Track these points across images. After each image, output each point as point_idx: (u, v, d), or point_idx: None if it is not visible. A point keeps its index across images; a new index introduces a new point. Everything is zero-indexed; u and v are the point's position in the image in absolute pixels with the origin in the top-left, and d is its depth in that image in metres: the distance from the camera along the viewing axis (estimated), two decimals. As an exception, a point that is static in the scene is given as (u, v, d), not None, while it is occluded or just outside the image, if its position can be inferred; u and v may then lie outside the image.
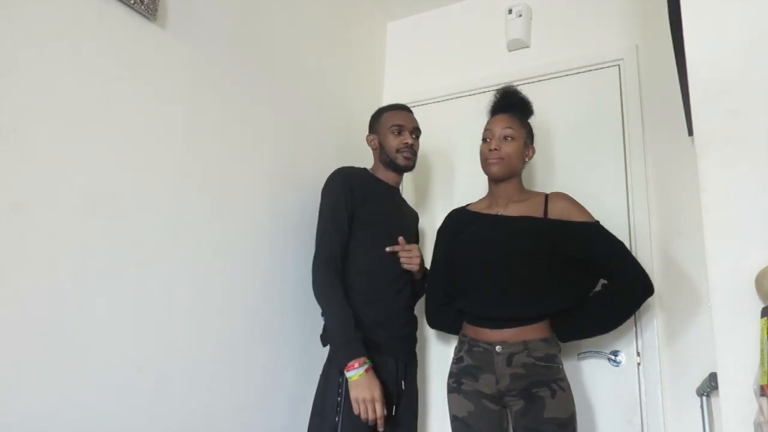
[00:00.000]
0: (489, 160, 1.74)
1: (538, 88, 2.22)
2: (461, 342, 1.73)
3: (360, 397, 1.56)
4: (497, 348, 1.62)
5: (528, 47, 2.36)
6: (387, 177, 1.92)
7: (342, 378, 1.62)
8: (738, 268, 0.95)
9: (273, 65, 1.95)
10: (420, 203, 2.42)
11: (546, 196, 1.75)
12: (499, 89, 1.87)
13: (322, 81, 2.22)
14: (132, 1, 1.41)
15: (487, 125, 1.80)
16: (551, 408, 1.54)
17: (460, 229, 1.83)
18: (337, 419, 1.60)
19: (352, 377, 1.57)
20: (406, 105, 2.01)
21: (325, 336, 1.72)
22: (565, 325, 1.67)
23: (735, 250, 0.96)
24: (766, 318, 0.87)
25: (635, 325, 1.87)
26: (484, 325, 1.66)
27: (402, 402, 1.72)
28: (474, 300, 1.71)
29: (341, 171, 1.84)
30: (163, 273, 1.47)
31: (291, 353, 1.85)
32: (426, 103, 2.50)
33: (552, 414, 1.53)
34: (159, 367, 1.43)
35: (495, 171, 1.74)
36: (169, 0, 1.54)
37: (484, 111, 1.89)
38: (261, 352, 1.76)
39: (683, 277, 1.82)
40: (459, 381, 1.68)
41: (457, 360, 1.71)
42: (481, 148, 1.79)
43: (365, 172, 1.92)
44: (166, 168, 1.50)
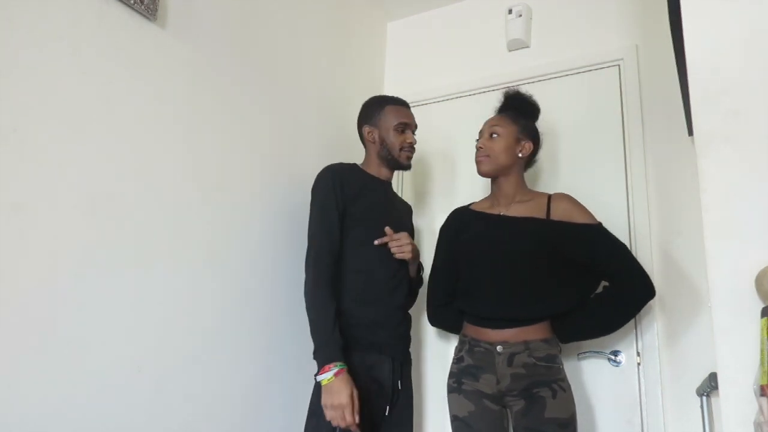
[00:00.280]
0: (476, 158, 1.79)
1: (538, 88, 2.21)
2: (462, 342, 1.73)
3: (327, 403, 1.49)
4: (498, 348, 1.62)
5: (528, 47, 2.36)
6: (380, 172, 1.86)
7: None
8: (738, 268, 0.95)
9: (273, 65, 1.95)
10: (420, 203, 2.42)
11: (549, 196, 1.75)
12: (502, 92, 1.89)
13: (322, 81, 2.22)
14: (132, 1, 1.41)
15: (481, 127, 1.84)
16: (552, 408, 1.54)
17: (462, 229, 1.83)
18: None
19: (321, 381, 1.52)
20: (404, 99, 1.95)
21: None
22: (566, 326, 1.68)
23: (735, 250, 0.96)
24: (766, 318, 0.87)
25: (635, 326, 1.87)
26: (485, 325, 1.67)
27: (399, 401, 1.71)
28: (475, 300, 1.71)
29: (330, 169, 1.78)
30: (163, 273, 1.47)
31: (290, 353, 1.85)
32: (426, 103, 2.50)
33: (553, 414, 1.54)
34: (159, 367, 1.43)
35: (481, 168, 1.78)
36: (169, 0, 1.54)
37: (484, 111, 1.89)
38: (260, 352, 1.76)
39: (683, 277, 1.82)
40: (459, 381, 1.68)
41: (458, 360, 1.71)
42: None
43: (356, 167, 1.86)
44: (165, 168, 1.50)
